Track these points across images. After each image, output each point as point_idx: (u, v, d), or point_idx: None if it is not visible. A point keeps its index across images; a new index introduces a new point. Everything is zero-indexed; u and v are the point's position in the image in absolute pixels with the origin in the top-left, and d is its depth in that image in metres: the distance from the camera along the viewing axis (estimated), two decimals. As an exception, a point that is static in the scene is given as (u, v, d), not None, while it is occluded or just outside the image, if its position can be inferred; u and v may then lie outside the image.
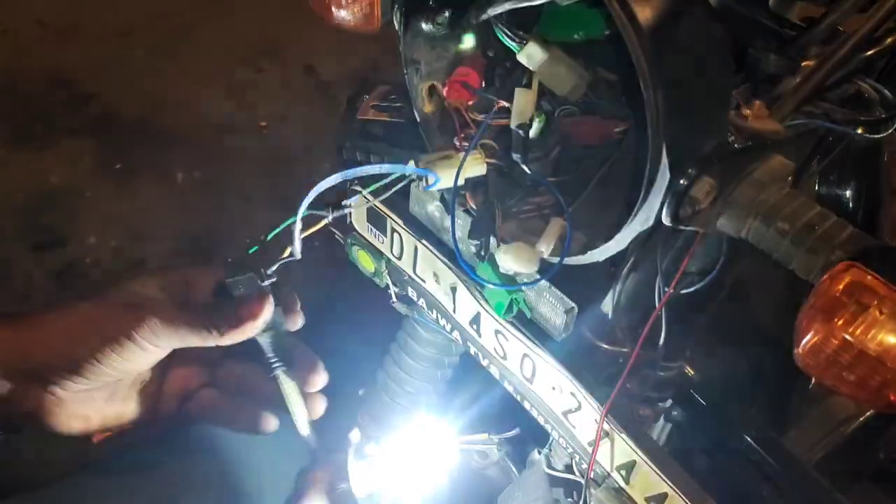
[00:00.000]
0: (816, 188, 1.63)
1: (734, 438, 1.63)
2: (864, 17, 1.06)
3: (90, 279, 3.01)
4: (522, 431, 1.59)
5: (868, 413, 1.91)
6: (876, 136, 1.13)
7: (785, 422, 1.80)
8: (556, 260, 1.07)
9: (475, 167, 1.10)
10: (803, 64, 1.04)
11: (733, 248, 1.18)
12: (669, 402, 1.41)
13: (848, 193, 1.65)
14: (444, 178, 1.08)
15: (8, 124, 3.46)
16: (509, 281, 1.12)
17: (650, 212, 0.89)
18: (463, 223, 1.19)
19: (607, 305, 1.25)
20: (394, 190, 1.06)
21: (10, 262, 3.03)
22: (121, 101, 3.61)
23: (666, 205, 0.87)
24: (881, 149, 1.64)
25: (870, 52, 1.10)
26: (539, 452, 1.52)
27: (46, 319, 1.04)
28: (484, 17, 1.09)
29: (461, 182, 1.10)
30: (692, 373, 1.58)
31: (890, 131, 1.13)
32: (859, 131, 1.11)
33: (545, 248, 1.06)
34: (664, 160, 0.83)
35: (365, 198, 1.02)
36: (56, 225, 3.17)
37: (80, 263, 3.06)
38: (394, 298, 1.51)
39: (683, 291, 1.15)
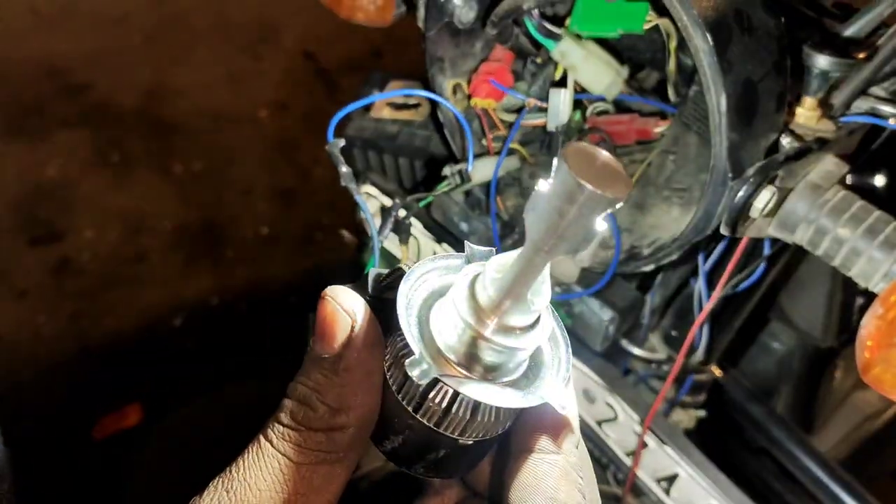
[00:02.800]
0: (847, 179, 1.59)
1: (762, 438, 1.60)
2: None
3: (88, 274, 2.95)
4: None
5: (893, 410, 1.87)
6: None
7: (811, 418, 1.76)
8: (594, 268, 1.02)
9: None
10: (855, 60, 0.99)
11: (774, 249, 1.14)
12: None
13: (878, 182, 1.59)
14: (479, 176, 1.04)
15: (1, 115, 3.38)
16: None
17: (707, 221, 0.84)
18: (490, 230, 1.14)
19: (641, 311, 1.21)
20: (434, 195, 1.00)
21: (6, 258, 2.96)
22: (116, 90, 3.53)
23: (726, 215, 0.82)
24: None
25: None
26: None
27: None
28: (514, 10, 1.04)
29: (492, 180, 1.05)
30: (720, 374, 1.54)
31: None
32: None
33: (586, 258, 1.00)
34: (726, 168, 0.77)
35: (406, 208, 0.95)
36: (52, 219, 3.11)
37: (78, 258, 3.00)
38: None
39: (726, 295, 1.11)
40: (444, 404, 0.50)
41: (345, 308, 0.52)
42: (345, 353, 0.51)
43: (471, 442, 0.52)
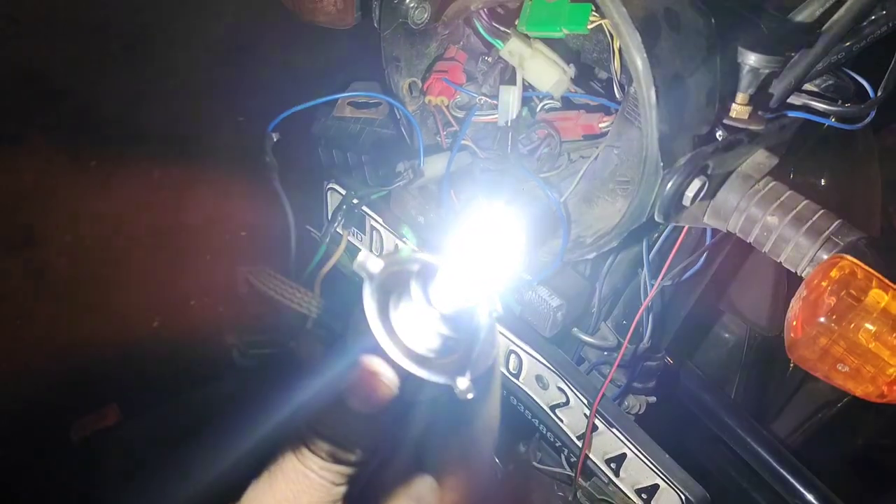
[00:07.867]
0: (791, 177, 1.64)
1: (715, 426, 1.64)
2: (844, 8, 1.06)
3: (67, 278, 2.97)
4: (504, 425, 1.58)
5: (846, 399, 1.92)
6: (852, 127, 1.13)
7: (765, 408, 1.81)
8: (542, 257, 1.06)
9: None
10: (786, 57, 1.04)
11: (715, 239, 1.19)
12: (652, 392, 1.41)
13: (822, 182, 1.65)
14: (433, 171, 1.08)
15: (-23, 122, 3.40)
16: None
17: (642, 210, 0.89)
18: (444, 222, 1.19)
19: (591, 299, 1.25)
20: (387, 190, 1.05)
21: (-16, 263, 2.98)
22: (95, 97, 3.54)
23: (658, 203, 0.87)
24: (855, 137, 1.64)
25: (849, 44, 1.11)
26: (523, 446, 1.52)
27: None
28: (463, 11, 1.09)
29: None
30: (672, 362, 1.59)
31: (866, 122, 1.14)
32: (836, 122, 1.11)
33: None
34: (657, 158, 0.82)
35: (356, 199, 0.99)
36: (30, 224, 3.12)
37: (56, 262, 3.02)
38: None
39: (668, 283, 1.16)
40: None
41: (389, 377, 0.61)
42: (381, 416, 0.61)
43: None
